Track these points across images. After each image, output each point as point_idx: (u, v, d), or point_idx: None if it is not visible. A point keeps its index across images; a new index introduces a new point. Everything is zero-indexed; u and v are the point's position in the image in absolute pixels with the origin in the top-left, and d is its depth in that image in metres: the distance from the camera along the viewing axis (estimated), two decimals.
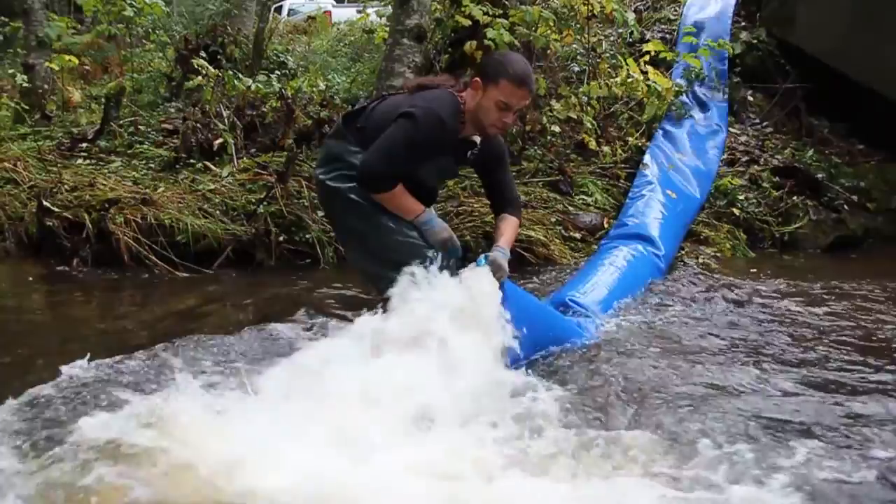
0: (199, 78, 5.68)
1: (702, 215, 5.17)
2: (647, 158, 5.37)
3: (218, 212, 4.56)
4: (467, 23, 5.49)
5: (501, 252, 2.73)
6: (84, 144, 5.57)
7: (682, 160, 5.44)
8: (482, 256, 2.67)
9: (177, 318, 3.44)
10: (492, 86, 2.62)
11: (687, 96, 6.19)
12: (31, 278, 4.19)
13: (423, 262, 2.54)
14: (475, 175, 4.99)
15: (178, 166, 5.17)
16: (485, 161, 2.95)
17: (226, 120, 5.37)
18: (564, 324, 2.93)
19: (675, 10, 7.76)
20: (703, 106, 6.26)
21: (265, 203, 4.53)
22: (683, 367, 2.63)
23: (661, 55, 6.05)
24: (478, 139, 2.81)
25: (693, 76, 6.25)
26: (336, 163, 2.78)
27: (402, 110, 2.66)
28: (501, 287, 2.59)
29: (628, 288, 3.66)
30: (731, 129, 6.23)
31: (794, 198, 5.56)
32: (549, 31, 5.53)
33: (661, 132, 5.77)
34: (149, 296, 3.98)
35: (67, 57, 6.39)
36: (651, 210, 4.70)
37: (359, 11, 8.20)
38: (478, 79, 2.68)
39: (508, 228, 2.89)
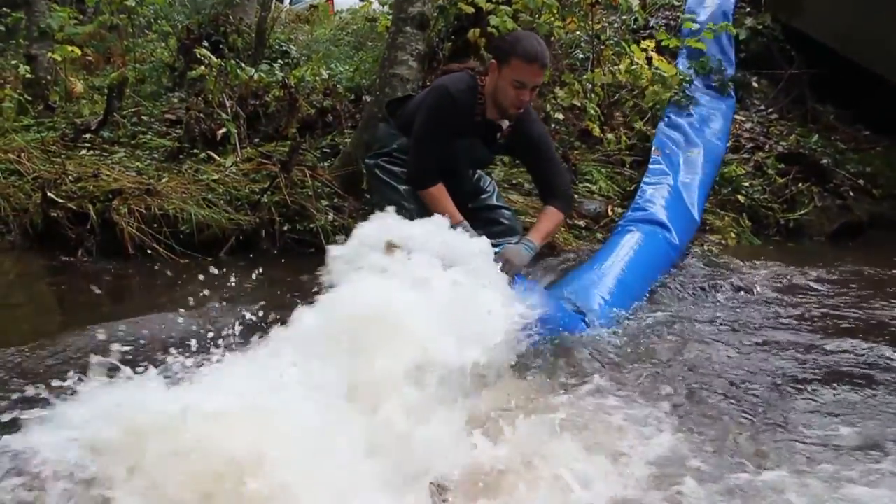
0: (202, 68, 5.66)
1: (706, 203, 5.14)
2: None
3: (222, 201, 4.56)
4: (470, 10, 5.45)
5: (525, 245, 2.72)
6: (87, 135, 5.56)
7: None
8: (497, 249, 2.64)
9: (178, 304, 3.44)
10: (505, 66, 2.67)
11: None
12: (36, 269, 4.20)
13: None
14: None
15: (181, 156, 5.16)
16: (522, 149, 2.97)
17: (229, 110, 5.35)
18: (566, 314, 2.91)
19: None
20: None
21: (269, 192, 4.53)
22: (691, 356, 2.63)
23: (664, 43, 6.01)
24: (505, 123, 2.83)
25: (700, 67, 6.17)
26: (377, 143, 3.06)
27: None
28: (512, 282, 2.56)
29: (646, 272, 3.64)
30: (735, 116, 6.19)
31: (800, 184, 5.54)
32: (552, 18, 5.49)
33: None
34: (152, 285, 3.99)
35: (70, 48, 6.37)
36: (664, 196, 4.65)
37: (361, 0, 8.15)
38: (493, 61, 2.72)
39: (543, 221, 2.85)
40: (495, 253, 2.56)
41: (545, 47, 2.72)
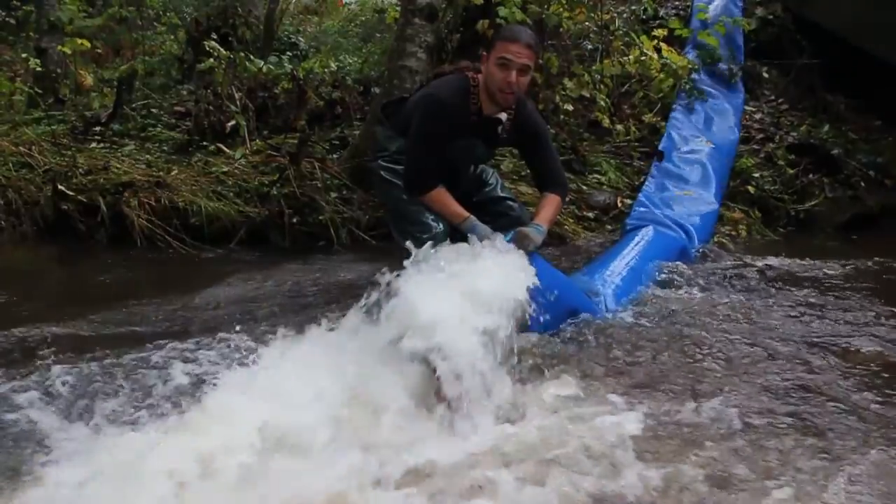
0: (211, 60, 5.68)
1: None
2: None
3: (231, 194, 4.58)
4: (479, 1, 5.44)
5: (535, 228, 2.75)
6: (97, 128, 5.59)
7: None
8: (510, 231, 2.66)
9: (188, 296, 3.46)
10: (491, 51, 2.71)
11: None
12: (47, 261, 4.24)
13: (432, 235, 2.66)
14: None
15: (190, 149, 5.19)
16: (521, 140, 3.00)
17: (238, 102, 5.37)
18: (583, 299, 2.91)
19: None
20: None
21: (278, 185, 4.54)
22: (695, 345, 2.63)
23: (677, 32, 5.98)
24: (504, 116, 2.83)
25: (708, 57, 6.13)
26: (376, 145, 3.07)
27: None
28: (529, 257, 2.58)
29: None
30: (746, 107, 6.15)
31: (810, 175, 5.50)
32: (561, 9, 5.47)
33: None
34: (163, 276, 4.01)
35: (79, 40, 6.40)
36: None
37: None
38: (484, 53, 2.75)
39: (545, 206, 2.92)
40: (510, 236, 2.60)
41: (532, 34, 2.77)
